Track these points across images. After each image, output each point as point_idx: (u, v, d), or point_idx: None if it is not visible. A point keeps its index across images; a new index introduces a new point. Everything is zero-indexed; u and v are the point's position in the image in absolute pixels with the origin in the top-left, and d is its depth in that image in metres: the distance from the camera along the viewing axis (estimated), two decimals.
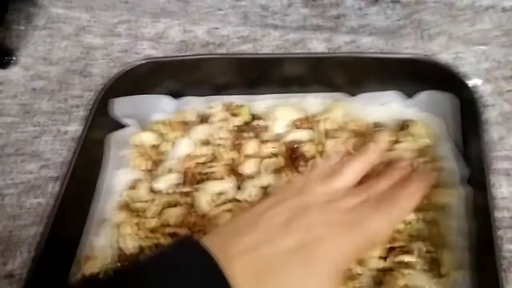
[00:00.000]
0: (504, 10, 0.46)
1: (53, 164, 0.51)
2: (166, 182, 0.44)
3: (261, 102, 0.49)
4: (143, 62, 0.47)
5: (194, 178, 0.44)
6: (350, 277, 0.37)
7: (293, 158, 0.44)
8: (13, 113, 0.56)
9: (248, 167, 0.43)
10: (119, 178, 0.47)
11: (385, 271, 0.36)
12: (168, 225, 0.42)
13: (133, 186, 0.45)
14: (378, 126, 0.45)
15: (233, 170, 0.44)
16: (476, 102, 0.39)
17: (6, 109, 0.56)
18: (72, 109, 0.55)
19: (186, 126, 0.48)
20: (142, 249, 0.41)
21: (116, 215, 0.43)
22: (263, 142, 0.45)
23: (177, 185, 0.44)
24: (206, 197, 0.42)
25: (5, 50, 0.60)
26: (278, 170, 0.44)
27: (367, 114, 0.46)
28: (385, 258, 0.37)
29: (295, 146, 0.44)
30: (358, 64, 0.45)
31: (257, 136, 0.46)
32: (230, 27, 0.58)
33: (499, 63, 0.50)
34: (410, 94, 0.45)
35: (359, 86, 0.46)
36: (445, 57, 0.50)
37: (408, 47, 0.52)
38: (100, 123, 0.45)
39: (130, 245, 0.41)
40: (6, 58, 0.60)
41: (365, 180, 0.37)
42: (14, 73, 0.59)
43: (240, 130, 0.46)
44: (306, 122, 0.46)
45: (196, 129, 0.47)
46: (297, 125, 0.46)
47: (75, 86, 0.57)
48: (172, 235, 0.41)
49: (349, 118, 0.45)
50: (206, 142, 0.46)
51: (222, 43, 0.57)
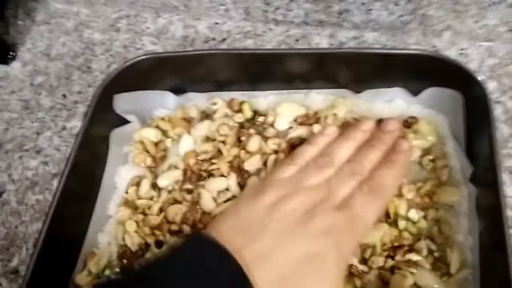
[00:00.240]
0: (510, 5, 0.46)
1: (52, 160, 0.51)
2: (169, 179, 0.44)
3: (263, 99, 0.48)
4: (144, 57, 0.46)
5: (197, 175, 0.43)
6: (357, 276, 0.37)
7: None
8: (12, 108, 0.55)
9: (251, 164, 0.43)
10: (122, 175, 0.46)
11: (392, 270, 0.36)
12: (173, 222, 0.41)
13: (136, 183, 0.45)
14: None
15: (236, 167, 0.43)
16: (486, 99, 0.38)
17: (6, 104, 0.56)
18: (72, 105, 0.55)
19: (188, 122, 0.47)
20: (147, 245, 0.41)
21: (120, 212, 0.43)
22: (266, 138, 0.44)
23: (180, 182, 0.44)
24: (209, 194, 0.42)
25: (8, 46, 0.59)
26: None
27: (371, 111, 0.45)
28: (392, 257, 0.37)
29: (298, 142, 0.44)
30: (363, 60, 0.44)
31: (260, 132, 0.45)
32: (232, 23, 0.57)
33: (505, 60, 0.49)
34: (415, 91, 0.45)
35: (363, 83, 0.46)
36: (449, 53, 0.50)
37: (412, 43, 0.52)
38: (100, 119, 0.45)
39: (136, 242, 0.41)
40: (10, 54, 0.59)
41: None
42: (13, 68, 0.59)
43: (242, 127, 0.46)
44: (309, 118, 0.45)
45: (198, 125, 0.46)
46: (300, 121, 0.45)
47: (75, 81, 0.56)
48: (176, 232, 0.41)
49: (353, 115, 0.45)
50: (208, 139, 0.46)
51: (224, 39, 0.56)
